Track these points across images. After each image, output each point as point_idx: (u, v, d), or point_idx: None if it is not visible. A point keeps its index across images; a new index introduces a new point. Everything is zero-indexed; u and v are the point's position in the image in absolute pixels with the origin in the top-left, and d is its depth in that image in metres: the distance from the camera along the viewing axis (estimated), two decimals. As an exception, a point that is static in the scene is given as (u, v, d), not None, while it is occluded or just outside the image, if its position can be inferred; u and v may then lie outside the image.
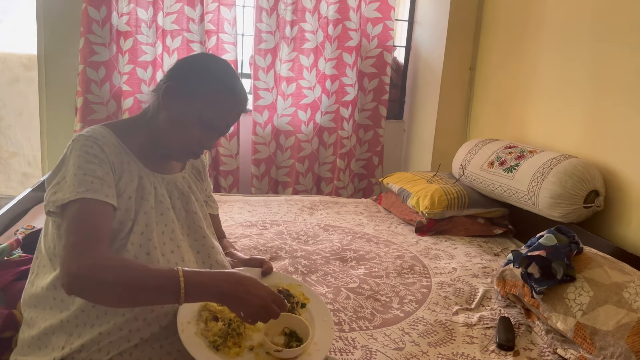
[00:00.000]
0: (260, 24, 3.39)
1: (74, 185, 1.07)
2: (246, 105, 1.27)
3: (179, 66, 1.24)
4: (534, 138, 2.72)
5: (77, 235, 1.03)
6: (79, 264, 0.99)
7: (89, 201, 1.07)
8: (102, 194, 1.08)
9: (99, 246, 1.03)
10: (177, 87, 1.19)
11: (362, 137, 3.74)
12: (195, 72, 1.20)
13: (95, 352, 1.08)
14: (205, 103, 1.18)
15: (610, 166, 2.18)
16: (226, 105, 1.21)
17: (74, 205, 1.06)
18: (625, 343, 1.41)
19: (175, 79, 1.20)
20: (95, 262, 1.00)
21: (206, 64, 1.22)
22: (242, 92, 1.24)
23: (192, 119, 1.18)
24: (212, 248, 1.31)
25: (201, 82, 1.18)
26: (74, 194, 1.06)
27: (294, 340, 1.18)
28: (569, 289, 1.65)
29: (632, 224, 2.06)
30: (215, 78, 1.19)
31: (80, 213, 1.06)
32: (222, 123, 1.22)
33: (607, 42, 2.22)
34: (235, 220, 2.58)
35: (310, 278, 1.95)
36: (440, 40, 3.43)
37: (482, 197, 2.65)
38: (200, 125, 1.19)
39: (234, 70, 1.26)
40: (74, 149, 1.11)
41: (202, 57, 1.29)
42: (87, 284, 1.00)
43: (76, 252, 1.00)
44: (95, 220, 1.06)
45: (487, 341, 1.63)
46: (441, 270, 2.11)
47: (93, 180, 1.08)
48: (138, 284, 1.02)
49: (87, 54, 3.16)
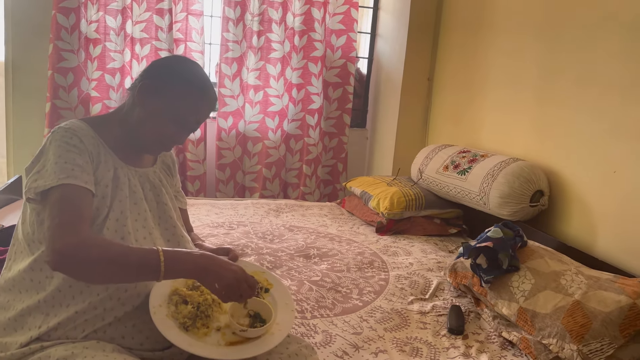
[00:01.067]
0: (227, 34, 3.50)
1: (55, 172, 1.15)
2: (216, 103, 1.37)
3: (154, 66, 1.33)
4: (486, 143, 2.89)
5: (61, 216, 1.10)
6: (64, 242, 1.06)
7: (70, 186, 1.14)
8: (81, 181, 1.17)
9: (83, 225, 1.11)
10: (152, 85, 1.28)
11: (327, 144, 3.87)
12: (168, 72, 1.30)
13: (71, 329, 1.15)
14: (178, 101, 1.28)
15: (554, 168, 2.35)
16: (197, 103, 1.30)
17: (56, 190, 1.14)
18: (561, 323, 1.56)
19: (149, 78, 1.29)
20: (80, 240, 1.08)
21: (179, 65, 1.33)
22: (212, 92, 1.34)
23: (165, 116, 1.28)
24: (181, 237, 1.40)
25: (174, 81, 1.28)
26: (55, 180, 1.14)
27: (257, 322, 1.27)
28: (514, 278, 1.79)
29: (573, 221, 2.23)
30: (187, 78, 1.30)
31: (63, 197, 1.13)
32: (192, 119, 1.32)
33: (550, 55, 2.41)
34: (203, 222, 2.66)
35: (275, 272, 2.05)
36: (400, 52, 3.60)
37: (438, 198, 2.81)
38: (173, 122, 1.29)
39: (203, 71, 1.36)
40: (54, 139, 1.19)
41: (175, 58, 1.39)
42: (72, 260, 1.07)
43: (61, 231, 1.08)
44: (77, 202, 1.14)
45: (439, 327, 1.76)
46: (399, 265, 2.24)
47: (73, 167, 1.16)
48: (121, 260, 1.10)
49: (56, 60, 3.21)
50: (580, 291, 1.63)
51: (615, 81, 2.03)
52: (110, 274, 1.11)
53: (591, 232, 2.12)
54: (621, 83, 2.01)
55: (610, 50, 2.07)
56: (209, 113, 1.35)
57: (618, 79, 2.02)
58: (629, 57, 1.98)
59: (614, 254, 2.00)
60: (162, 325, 1.17)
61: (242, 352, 1.18)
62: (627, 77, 1.98)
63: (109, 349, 1.14)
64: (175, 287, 1.28)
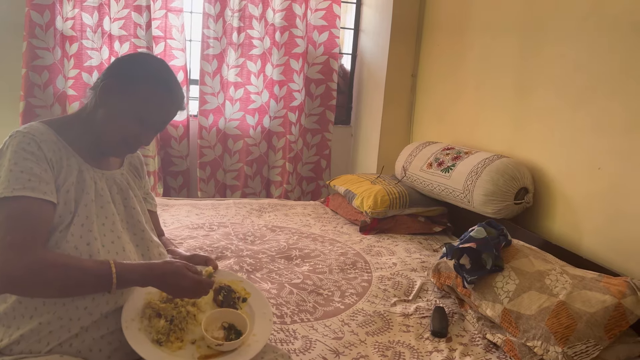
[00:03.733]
0: (207, 30, 3.43)
1: (9, 181, 1.08)
2: (182, 102, 1.31)
3: (116, 64, 1.27)
4: (470, 140, 2.86)
5: (12, 235, 1.05)
6: (14, 266, 1.01)
7: (25, 199, 1.08)
8: (39, 192, 1.10)
9: (35, 247, 1.06)
10: (114, 84, 1.22)
11: (309, 141, 3.82)
12: (131, 70, 1.24)
13: (35, 342, 1.10)
14: (142, 100, 1.22)
15: (538, 165, 2.32)
16: (162, 101, 1.24)
17: (8, 203, 1.08)
18: (545, 325, 1.52)
19: (112, 76, 1.23)
20: (32, 264, 1.03)
21: (142, 62, 1.26)
22: (178, 90, 1.28)
23: (129, 115, 1.22)
24: (150, 241, 1.34)
25: (138, 79, 1.22)
26: (9, 190, 1.07)
27: (232, 333, 1.23)
28: (498, 278, 1.76)
29: (557, 219, 2.20)
30: (151, 75, 1.23)
31: (16, 212, 1.07)
32: (158, 119, 1.26)
33: (531, 52, 2.38)
34: (182, 223, 2.60)
35: (255, 276, 2.00)
36: (384, 48, 3.55)
37: (422, 196, 2.77)
38: (137, 121, 1.23)
39: (169, 68, 1.30)
40: (10, 144, 1.13)
41: (139, 56, 1.33)
42: (24, 284, 1.04)
43: (12, 253, 1.02)
44: (31, 219, 1.08)
45: (422, 329, 1.72)
46: (382, 266, 2.20)
47: (30, 177, 1.10)
48: (74, 283, 1.08)
49: (30, 58, 3.12)
50: (565, 291, 1.60)
51: (599, 76, 2.00)
52: (63, 295, 1.10)
53: (576, 230, 2.09)
54: (605, 78, 1.98)
55: (593, 45, 2.04)
56: (175, 112, 1.30)
57: (602, 73, 1.99)
58: (613, 52, 1.95)
59: (599, 252, 1.97)
60: (133, 340, 1.14)
61: None
62: (610, 72, 1.95)
63: (72, 364, 1.09)
64: (149, 300, 1.23)
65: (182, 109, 1.31)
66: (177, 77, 1.31)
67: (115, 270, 1.10)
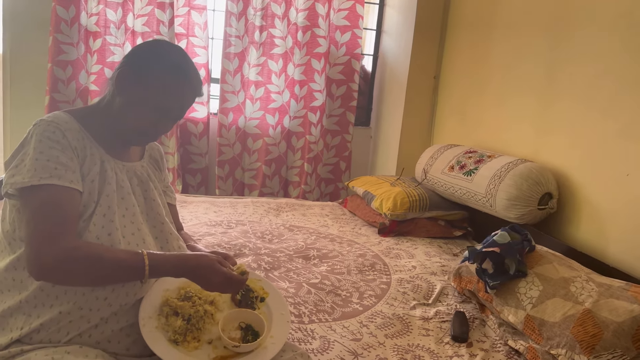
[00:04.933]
0: (229, 28, 3.43)
1: (36, 170, 1.08)
2: (200, 88, 1.28)
3: (133, 52, 1.26)
4: (493, 143, 2.81)
5: (44, 224, 1.05)
6: (50, 255, 1.02)
7: (53, 188, 1.08)
8: (66, 180, 1.10)
9: (67, 236, 1.06)
10: (131, 72, 1.20)
11: (329, 142, 3.80)
12: (148, 57, 1.22)
13: (55, 332, 1.09)
14: (158, 87, 1.20)
15: (563, 170, 2.28)
16: (178, 87, 1.22)
17: (38, 192, 1.07)
18: (570, 333, 1.48)
19: (128, 65, 1.22)
20: (67, 253, 1.03)
21: (158, 49, 1.25)
22: (195, 76, 1.26)
23: (146, 103, 1.20)
24: (170, 234, 1.33)
25: (154, 66, 1.20)
26: (36, 179, 1.07)
27: (249, 334, 1.22)
28: (520, 284, 1.72)
29: (582, 225, 2.15)
30: (167, 62, 1.21)
31: (46, 201, 1.07)
32: (175, 106, 1.24)
33: (559, 52, 2.33)
34: (200, 220, 2.59)
35: (272, 274, 1.98)
36: (406, 49, 3.52)
37: (442, 200, 2.73)
38: (154, 108, 1.21)
39: (186, 54, 1.28)
40: (36, 133, 1.12)
41: (156, 43, 1.30)
42: (58, 273, 1.04)
43: (46, 242, 1.03)
44: (61, 208, 1.08)
45: (442, 334, 1.68)
46: (401, 268, 2.17)
47: (56, 166, 1.10)
48: (107, 274, 1.08)
49: (55, 53, 3.15)
50: (591, 299, 1.55)
51: (629, 80, 1.95)
52: (96, 282, 1.10)
53: (602, 237, 2.04)
54: (635, 82, 1.92)
55: (623, 48, 1.99)
56: (193, 99, 1.28)
57: (632, 77, 1.94)
58: (644, 56, 1.90)
59: (626, 260, 1.92)
60: (150, 339, 1.13)
61: None
62: (641, 77, 1.90)
63: (92, 355, 1.08)
64: (167, 297, 1.22)
65: (200, 95, 1.29)
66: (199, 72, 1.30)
67: (148, 262, 1.09)
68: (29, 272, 1.04)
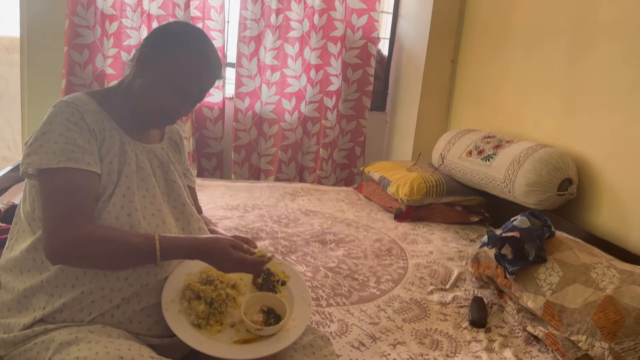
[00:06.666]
0: (244, 12, 3.40)
1: (55, 152, 1.08)
2: (220, 71, 1.28)
3: (153, 34, 1.25)
4: (511, 128, 2.78)
5: (60, 207, 1.06)
6: (63, 238, 1.03)
7: (70, 171, 1.08)
8: (84, 163, 1.10)
9: (82, 219, 1.06)
10: (151, 53, 1.20)
11: (345, 127, 3.78)
12: (168, 38, 1.22)
13: (77, 311, 1.10)
14: (178, 68, 1.19)
15: (584, 156, 2.24)
16: (198, 69, 1.22)
17: (55, 174, 1.08)
18: (591, 319, 1.47)
19: (148, 46, 1.22)
20: (80, 237, 1.04)
21: (179, 31, 1.24)
22: (215, 57, 1.25)
23: (166, 85, 1.20)
24: (191, 215, 1.33)
25: (174, 48, 1.20)
26: (54, 161, 1.08)
27: (272, 317, 1.22)
28: (540, 270, 1.70)
29: (602, 211, 2.12)
30: (187, 43, 1.21)
31: (63, 184, 1.08)
32: (195, 88, 1.23)
33: (583, 35, 2.29)
34: (217, 204, 2.60)
35: (290, 258, 1.98)
36: (423, 33, 3.47)
37: (460, 185, 2.71)
38: (174, 90, 1.21)
39: (206, 35, 1.27)
40: (54, 114, 1.12)
41: (176, 24, 1.29)
42: (71, 257, 1.06)
43: (60, 225, 1.04)
44: (76, 191, 1.08)
45: (460, 319, 1.68)
46: (418, 253, 2.16)
47: (74, 149, 1.10)
48: (119, 258, 1.09)
49: (72, 36, 3.15)
50: (613, 286, 1.54)
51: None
52: (109, 267, 1.12)
53: (623, 224, 2.01)
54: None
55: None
56: (213, 81, 1.27)
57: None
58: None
59: (648, 247, 1.89)
60: (174, 323, 1.14)
61: (256, 351, 1.13)
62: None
63: (114, 335, 1.09)
64: (189, 281, 1.23)
65: (220, 78, 1.29)
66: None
67: (160, 246, 1.10)
68: (45, 255, 1.06)
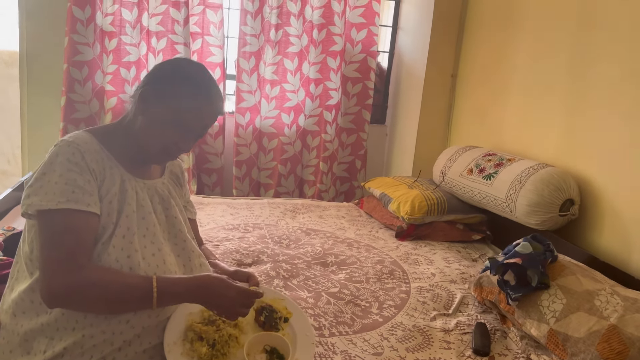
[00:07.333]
0: (244, 27, 3.40)
1: (54, 193, 1.08)
2: (222, 106, 1.28)
3: (154, 72, 1.25)
4: (512, 146, 2.77)
5: (58, 251, 1.05)
6: (60, 284, 1.03)
7: (70, 212, 1.08)
8: (83, 204, 1.10)
9: (79, 263, 1.06)
10: (152, 91, 1.21)
11: (344, 140, 3.77)
12: (169, 76, 1.22)
13: (79, 355, 1.09)
14: (180, 106, 1.20)
15: (586, 176, 2.24)
16: (201, 107, 1.22)
17: (54, 216, 1.08)
18: (595, 350, 1.46)
19: (150, 83, 1.22)
20: (76, 282, 1.04)
21: (180, 68, 1.25)
22: (217, 94, 1.25)
23: (168, 122, 1.20)
24: (192, 252, 1.33)
25: (175, 85, 1.20)
26: (54, 203, 1.07)
27: (275, 358, 1.21)
28: (543, 296, 1.70)
29: (605, 232, 2.12)
30: (188, 81, 1.21)
31: (61, 226, 1.07)
32: (197, 125, 1.24)
33: (584, 54, 2.28)
34: (218, 223, 2.59)
35: (291, 282, 1.97)
36: (423, 46, 3.47)
37: (461, 203, 2.70)
38: (176, 128, 1.21)
39: (208, 72, 1.27)
40: (55, 155, 1.13)
41: (176, 62, 1.30)
42: (68, 302, 1.06)
43: (58, 269, 1.03)
44: (75, 233, 1.08)
45: (464, 346, 1.67)
46: (420, 276, 2.15)
47: (74, 189, 1.10)
48: (117, 300, 1.09)
49: (71, 53, 3.15)
50: (617, 314, 1.53)
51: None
52: (107, 311, 1.11)
53: (625, 246, 2.01)
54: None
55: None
56: (215, 117, 1.27)
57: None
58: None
59: (651, 271, 1.89)
60: None
61: None
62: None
63: (116, 378, 1.08)
64: (191, 321, 1.22)
65: (222, 114, 1.30)
66: (214, 75, 1.29)
67: (157, 285, 1.09)
68: (41, 298, 1.05)
